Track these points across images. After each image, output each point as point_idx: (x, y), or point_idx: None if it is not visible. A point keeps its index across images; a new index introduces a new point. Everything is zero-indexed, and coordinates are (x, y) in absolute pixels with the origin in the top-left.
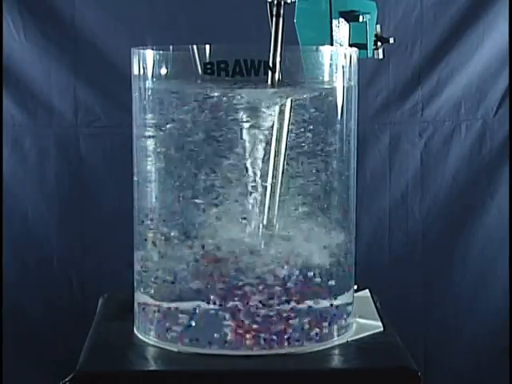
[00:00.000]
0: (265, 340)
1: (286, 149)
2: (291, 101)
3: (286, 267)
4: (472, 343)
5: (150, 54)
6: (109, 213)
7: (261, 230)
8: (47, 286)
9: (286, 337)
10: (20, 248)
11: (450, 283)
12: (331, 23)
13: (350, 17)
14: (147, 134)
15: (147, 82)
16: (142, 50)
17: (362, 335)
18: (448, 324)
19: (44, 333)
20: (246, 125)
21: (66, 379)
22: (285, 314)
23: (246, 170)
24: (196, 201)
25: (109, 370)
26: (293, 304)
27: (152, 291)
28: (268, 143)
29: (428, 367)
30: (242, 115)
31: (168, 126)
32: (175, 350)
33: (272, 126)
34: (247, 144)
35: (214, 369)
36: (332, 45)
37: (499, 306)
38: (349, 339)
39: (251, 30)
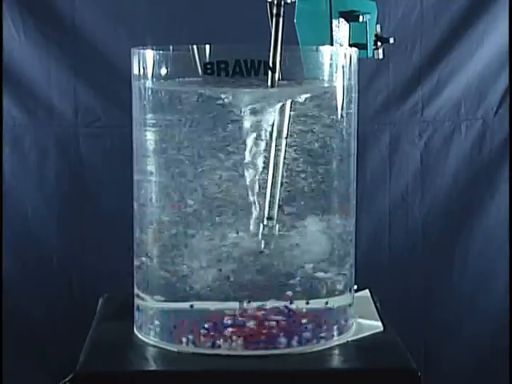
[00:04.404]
0: (265, 340)
1: (286, 148)
2: (291, 101)
3: (285, 267)
4: (472, 343)
5: (149, 54)
6: (109, 213)
7: (261, 230)
8: (47, 286)
9: (285, 337)
10: (20, 248)
11: (450, 283)
12: (331, 23)
13: (350, 17)
14: (147, 133)
15: (147, 82)
16: (141, 50)
17: (361, 335)
18: (448, 324)
19: (44, 333)
20: (246, 125)
21: (66, 379)
22: (284, 314)
23: (246, 169)
24: (196, 200)
25: (109, 370)
26: (293, 304)
27: (152, 291)
28: (268, 143)
29: (428, 367)
30: (242, 115)
31: (168, 125)
32: (175, 350)
33: (272, 126)
34: (247, 144)
35: (214, 369)
36: (332, 45)
37: (499, 306)
38: (349, 339)
39: (251, 30)
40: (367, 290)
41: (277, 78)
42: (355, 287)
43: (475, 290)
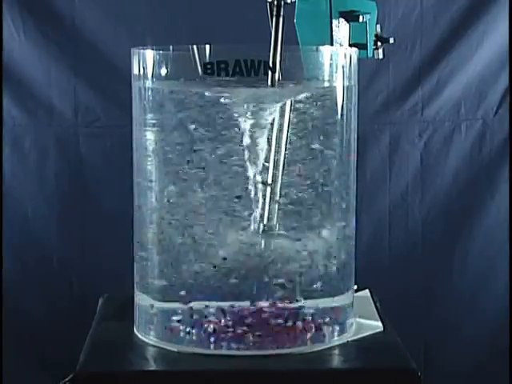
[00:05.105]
0: (264, 340)
1: (286, 149)
2: (291, 101)
3: (285, 267)
4: (472, 343)
5: (149, 54)
6: (109, 212)
7: (261, 230)
8: (47, 286)
9: (285, 337)
10: (20, 248)
11: (450, 283)
12: (331, 23)
13: (350, 17)
14: (147, 134)
15: (147, 82)
16: (141, 50)
17: (361, 335)
18: (448, 324)
19: (44, 333)
20: (246, 125)
21: (66, 379)
22: (284, 314)
23: (246, 169)
24: (196, 201)
25: (109, 370)
26: (292, 304)
27: (152, 291)
28: (268, 143)
29: (428, 367)
30: (242, 115)
31: (168, 126)
32: (175, 350)
33: (272, 126)
34: (247, 144)
35: (213, 369)
36: (332, 45)
37: (499, 306)
38: (349, 339)
39: (251, 30)
40: (367, 290)
41: (277, 78)
42: (355, 287)
43: (475, 290)
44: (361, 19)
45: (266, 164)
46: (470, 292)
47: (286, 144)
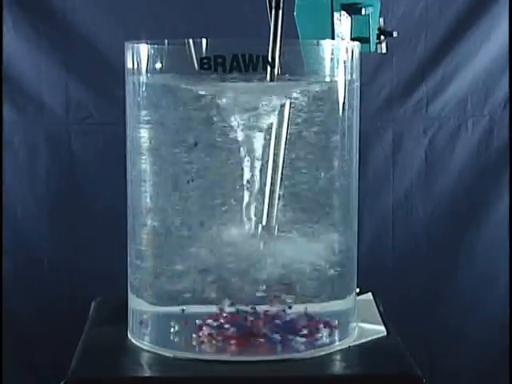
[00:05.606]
0: (264, 345)
1: (285, 146)
2: (291, 97)
3: (285, 269)
4: (476, 345)
5: (144, 49)
6: (101, 212)
7: (260, 231)
8: (38, 286)
9: (286, 342)
10: (15, 248)
11: (455, 283)
12: (332, 17)
13: (352, 10)
14: (141, 130)
15: (142, 78)
16: (136, 45)
17: (364, 340)
18: (452, 325)
19: (43, 333)
20: (245, 121)
21: None
22: (285, 319)
23: (244, 167)
24: (192, 201)
25: (102, 376)
26: (293, 308)
27: (146, 295)
28: (267, 140)
29: (430, 368)
30: (240, 111)
31: (163, 122)
32: (170, 355)
33: (271, 123)
34: (245, 141)
35: (210, 375)
36: (333, 39)
37: (505, 307)
38: (351, 344)
39: (250, 25)
40: (370, 294)
41: (276, 73)
42: (357, 290)
43: (481, 290)
44: (363, 12)
45: (265, 162)
46: (475, 292)
47: (285, 142)
